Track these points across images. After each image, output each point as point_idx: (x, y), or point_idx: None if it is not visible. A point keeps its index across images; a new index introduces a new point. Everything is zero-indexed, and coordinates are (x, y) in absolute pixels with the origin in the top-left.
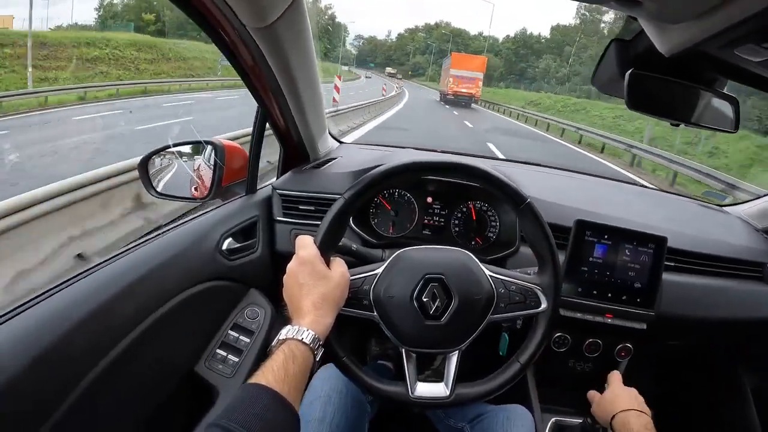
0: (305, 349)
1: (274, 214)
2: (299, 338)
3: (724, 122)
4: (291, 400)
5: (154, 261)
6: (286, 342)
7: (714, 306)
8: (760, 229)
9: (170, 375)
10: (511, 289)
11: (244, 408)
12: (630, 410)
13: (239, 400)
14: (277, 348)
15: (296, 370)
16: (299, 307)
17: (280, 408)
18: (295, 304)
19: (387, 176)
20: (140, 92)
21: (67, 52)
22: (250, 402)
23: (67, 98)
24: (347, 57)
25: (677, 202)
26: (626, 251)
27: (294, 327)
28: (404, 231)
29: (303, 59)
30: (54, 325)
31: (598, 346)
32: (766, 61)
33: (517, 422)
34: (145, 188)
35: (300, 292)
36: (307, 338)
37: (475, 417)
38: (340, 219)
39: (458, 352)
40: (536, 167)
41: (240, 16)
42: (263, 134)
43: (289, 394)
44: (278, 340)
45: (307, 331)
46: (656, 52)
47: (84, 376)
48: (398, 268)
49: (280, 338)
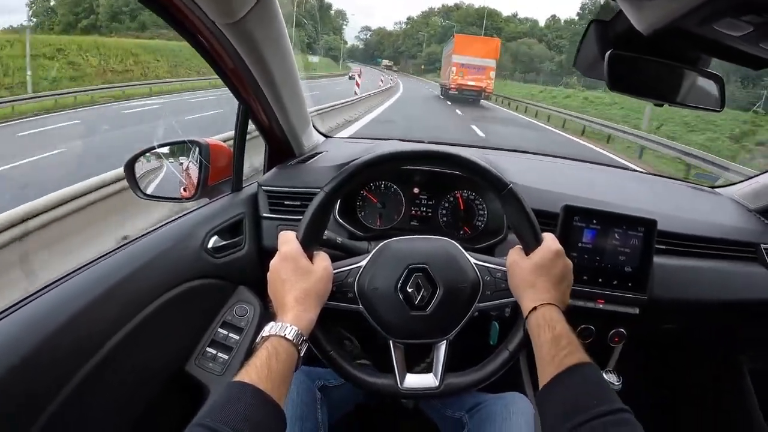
0: (288, 345)
1: (261, 210)
2: (282, 334)
3: (708, 101)
4: (275, 397)
5: (138, 261)
6: (269, 339)
7: (708, 288)
8: (753, 209)
9: (160, 375)
10: (497, 276)
11: (228, 406)
12: (551, 305)
13: (223, 399)
14: (260, 345)
15: (279, 367)
16: (283, 303)
17: (263, 405)
18: (279, 300)
19: (366, 167)
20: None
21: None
22: (234, 400)
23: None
24: (354, 50)
25: (668, 185)
26: (616, 235)
27: (277, 323)
28: (392, 223)
29: (278, 53)
30: (38, 329)
31: (590, 332)
32: (747, 36)
33: (516, 410)
34: (132, 190)
35: (283, 288)
36: (290, 334)
37: (474, 406)
38: (322, 212)
39: (446, 341)
40: (523, 154)
41: (208, 13)
42: (246, 131)
43: (272, 390)
44: (261, 337)
45: (289, 326)
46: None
47: (71, 378)
48: (382, 260)
49: (263, 335)
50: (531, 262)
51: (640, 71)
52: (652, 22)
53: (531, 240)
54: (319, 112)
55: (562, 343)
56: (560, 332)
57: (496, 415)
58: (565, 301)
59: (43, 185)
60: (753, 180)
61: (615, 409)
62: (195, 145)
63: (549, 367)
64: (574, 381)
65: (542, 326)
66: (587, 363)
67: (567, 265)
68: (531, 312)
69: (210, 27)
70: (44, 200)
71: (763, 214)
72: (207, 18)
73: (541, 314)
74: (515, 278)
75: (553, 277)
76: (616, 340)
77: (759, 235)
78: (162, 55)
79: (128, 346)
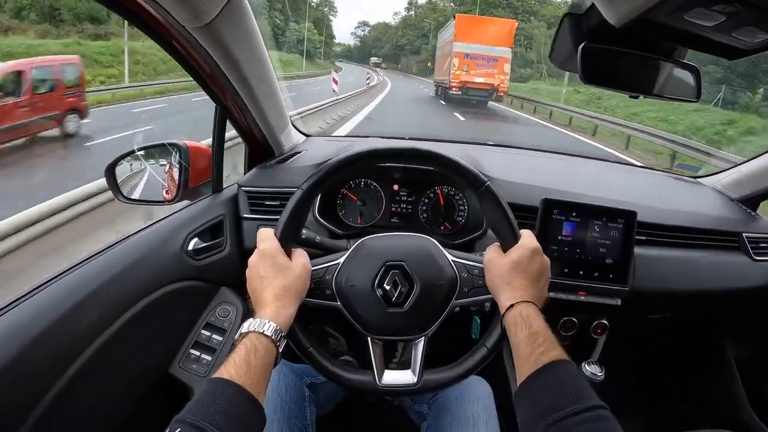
0: (267, 341)
1: (241, 211)
2: (260, 331)
3: (685, 92)
4: (254, 393)
5: (119, 266)
6: (248, 335)
7: (691, 278)
8: (735, 198)
9: (144, 377)
10: (474, 273)
11: (208, 402)
12: (520, 303)
13: (203, 395)
14: (239, 342)
15: (258, 363)
16: (261, 300)
17: (242, 400)
18: (257, 296)
19: (343, 165)
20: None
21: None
22: (213, 396)
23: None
24: (349, 50)
25: (649, 176)
26: (595, 227)
27: (255, 320)
28: (372, 220)
29: (252, 54)
30: (20, 335)
31: (573, 324)
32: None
33: (472, 394)
34: (114, 195)
35: (261, 285)
36: (268, 330)
37: (433, 396)
38: (300, 210)
39: (424, 338)
40: (505, 149)
41: (177, 17)
42: (224, 133)
43: (252, 386)
44: (240, 334)
45: (268, 323)
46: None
47: (54, 383)
48: (359, 257)
49: (242, 331)
50: (508, 259)
51: (614, 64)
52: (623, 14)
53: (508, 237)
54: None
55: (538, 340)
56: (537, 330)
57: (453, 401)
58: (542, 298)
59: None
60: (735, 169)
61: (590, 406)
62: (174, 148)
63: (525, 365)
64: (549, 379)
65: (519, 324)
66: (564, 360)
67: (544, 262)
68: (508, 310)
69: (180, 31)
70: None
71: (744, 203)
72: (176, 22)
73: (518, 312)
74: (492, 276)
75: (530, 274)
76: (599, 331)
77: (741, 224)
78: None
79: (111, 350)
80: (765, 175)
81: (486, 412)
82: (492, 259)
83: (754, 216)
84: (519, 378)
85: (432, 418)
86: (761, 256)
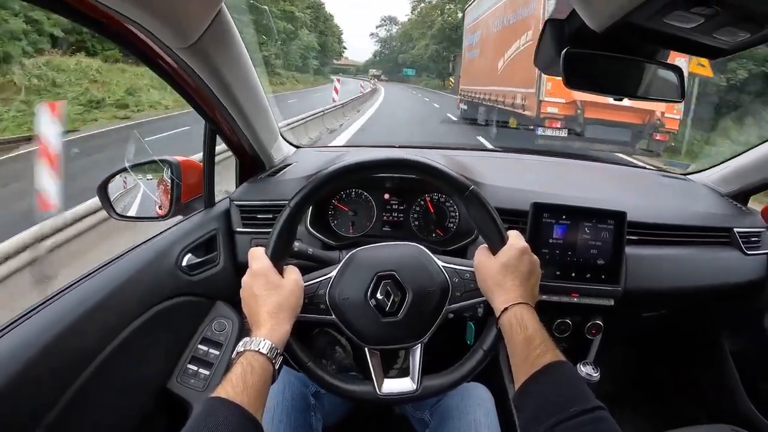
0: (263, 359)
1: (234, 225)
2: (256, 349)
3: (669, 92)
4: (252, 411)
5: (112, 284)
6: (244, 354)
7: (684, 275)
8: (725, 194)
9: (142, 394)
10: (465, 277)
11: (205, 422)
12: (522, 304)
13: (200, 416)
14: (236, 361)
15: (255, 381)
16: (256, 319)
17: (240, 419)
18: (253, 315)
19: (328, 180)
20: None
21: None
22: (210, 416)
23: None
24: (372, 64)
25: (638, 175)
26: (586, 229)
27: (251, 339)
28: (364, 230)
29: (239, 71)
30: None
31: (567, 326)
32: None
33: (472, 400)
34: (107, 212)
35: (256, 303)
36: (264, 348)
37: (434, 403)
38: (289, 226)
39: (420, 345)
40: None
41: (162, 39)
42: (214, 148)
43: (249, 404)
44: (237, 353)
45: (263, 341)
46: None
47: (54, 403)
48: (350, 270)
49: (238, 350)
50: (498, 261)
51: (597, 67)
52: (604, 19)
53: (496, 239)
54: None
55: (534, 342)
56: (533, 332)
57: (454, 408)
58: (534, 296)
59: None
60: (724, 165)
61: (589, 407)
62: (166, 164)
63: (523, 368)
64: (547, 381)
65: (514, 327)
66: (561, 361)
67: (533, 261)
68: (502, 313)
69: (167, 51)
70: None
71: (734, 198)
72: (162, 43)
73: (513, 314)
74: (483, 278)
75: (521, 274)
76: (594, 332)
77: (731, 219)
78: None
79: (109, 367)
80: (754, 169)
81: (487, 417)
82: (481, 262)
83: (745, 211)
84: (517, 381)
85: (434, 426)
86: (753, 251)
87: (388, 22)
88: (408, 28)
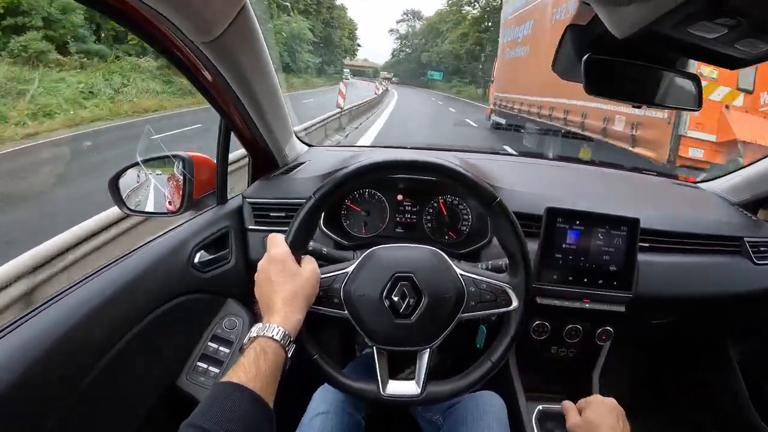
0: (276, 345)
1: (246, 223)
2: (269, 335)
3: (687, 100)
4: (264, 396)
5: (124, 280)
6: (257, 339)
7: (694, 283)
8: (736, 203)
9: (152, 391)
10: (482, 287)
11: (217, 406)
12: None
13: (212, 399)
14: (248, 346)
15: (267, 367)
16: (270, 304)
17: (252, 404)
18: (266, 301)
19: (357, 175)
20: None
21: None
22: (223, 400)
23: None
24: (392, 65)
25: (651, 182)
26: (599, 235)
27: (264, 324)
28: (377, 230)
29: (259, 67)
30: (28, 351)
31: (578, 332)
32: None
33: (486, 408)
34: (117, 206)
35: (271, 289)
36: (277, 335)
37: (448, 408)
38: (311, 218)
39: (429, 350)
40: (505, 156)
41: (185, 32)
42: (228, 144)
43: (261, 390)
44: (249, 338)
45: (276, 327)
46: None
47: (64, 398)
48: (368, 267)
49: (251, 336)
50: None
51: (617, 74)
52: (627, 26)
53: (517, 254)
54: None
55: None
56: None
57: (467, 415)
58: None
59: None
60: (735, 174)
61: None
62: (178, 159)
63: None
64: None
65: None
66: None
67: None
68: None
69: (188, 45)
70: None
71: (745, 207)
72: (185, 36)
73: None
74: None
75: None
76: (604, 338)
77: (742, 228)
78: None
79: (119, 364)
80: (765, 179)
81: (500, 426)
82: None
83: (755, 220)
84: None
85: (448, 430)
86: (763, 260)
87: (411, 17)
88: (435, 20)
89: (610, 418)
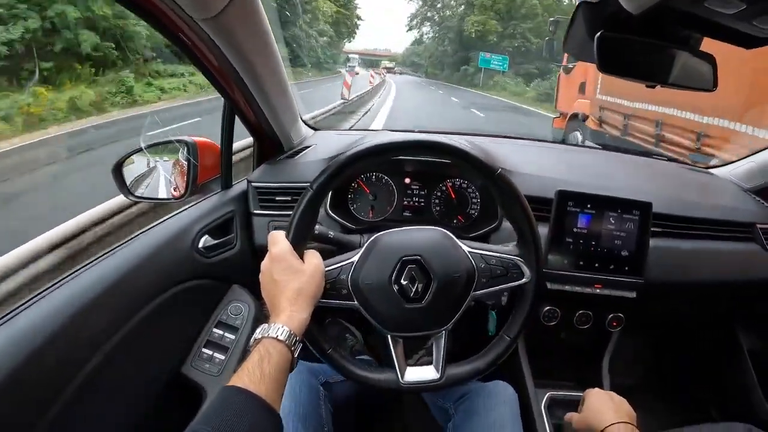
0: (281, 346)
1: (251, 207)
2: (274, 336)
3: (701, 81)
4: (269, 400)
5: (128, 265)
6: (261, 341)
7: (705, 269)
8: (748, 189)
9: (157, 378)
10: (492, 262)
11: (221, 412)
12: (619, 423)
13: (215, 404)
14: (253, 348)
15: (272, 369)
16: (276, 304)
17: (256, 409)
18: (272, 301)
19: (352, 161)
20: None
21: None
22: (226, 405)
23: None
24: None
25: (662, 167)
26: (611, 219)
27: (269, 325)
28: (384, 214)
29: (261, 47)
30: (33, 337)
31: (589, 318)
32: (740, 13)
33: (498, 398)
34: (121, 192)
35: (275, 289)
36: (282, 335)
37: (460, 396)
38: (311, 209)
39: (445, 332)
40: (515, 140)
41: (185, 8)
42: (233, 128)
43: (266, 393)
44: (254, 340)
45: (281, 327)
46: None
47: (67, 385)
48: (374, 254)
49: (256, 337)
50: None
51: (631, 52)
52: (642, 1)
53: (524, 223)
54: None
55: None
56: None
57: (480, 405)
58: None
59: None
60: (748, 159)
61: None
62: (182, 144)
63: None
64: None
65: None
66: None
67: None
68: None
69: (188, 23)
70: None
71: (758, 193)
72: (185, 13)
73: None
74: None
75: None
76: (614, 324)
77: (754, 214)
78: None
79: (123, 350)
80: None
81: (512, 416)
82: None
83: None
84: None
85: (458, 421)
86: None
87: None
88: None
89: (612, 400)
